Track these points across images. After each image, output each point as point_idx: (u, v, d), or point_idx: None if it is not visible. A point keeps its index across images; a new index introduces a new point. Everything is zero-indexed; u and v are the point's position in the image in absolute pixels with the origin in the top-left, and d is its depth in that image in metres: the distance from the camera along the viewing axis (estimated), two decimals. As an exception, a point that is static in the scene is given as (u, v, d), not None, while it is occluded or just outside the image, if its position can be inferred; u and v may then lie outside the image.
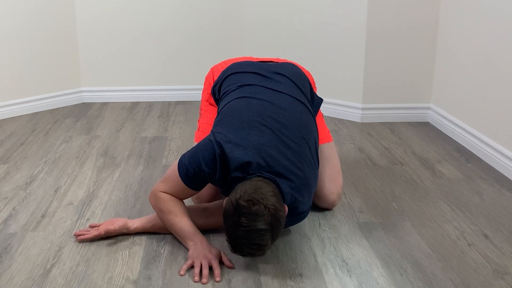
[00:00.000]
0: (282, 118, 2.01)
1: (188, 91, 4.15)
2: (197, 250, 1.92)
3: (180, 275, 1.86)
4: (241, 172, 1.86)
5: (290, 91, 2.15)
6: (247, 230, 1.71)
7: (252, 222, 1.71)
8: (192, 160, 1.92)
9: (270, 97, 2.10)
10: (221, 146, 1.89)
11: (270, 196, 1.76)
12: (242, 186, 1.79)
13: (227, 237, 1.79)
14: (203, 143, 1.94)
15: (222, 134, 1.93)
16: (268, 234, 1.74)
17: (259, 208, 1.72)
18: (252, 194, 1.74)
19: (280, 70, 2.25)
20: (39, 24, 3.77)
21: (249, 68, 2.28)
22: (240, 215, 1.72)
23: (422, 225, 2.21)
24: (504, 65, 2.74)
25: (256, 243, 1.74)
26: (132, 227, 2.09)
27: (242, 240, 1.74)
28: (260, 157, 1.88)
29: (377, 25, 3.43)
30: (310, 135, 2.06)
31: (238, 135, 1.92)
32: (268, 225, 1.73)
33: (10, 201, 2.42)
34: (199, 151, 1.92)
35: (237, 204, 1.73)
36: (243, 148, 1.88)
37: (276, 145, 1.93)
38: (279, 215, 1.76)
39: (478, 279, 1.84)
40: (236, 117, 2.01)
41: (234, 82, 2.24)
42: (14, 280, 1.83)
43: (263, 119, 1.99)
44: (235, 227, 1.73)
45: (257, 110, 2.03)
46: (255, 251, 1.77)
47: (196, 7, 4.03)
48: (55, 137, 3.29)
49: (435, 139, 3.26)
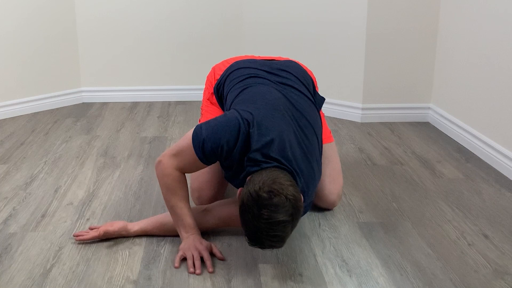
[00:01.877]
0: (295, 111, 2.01)
1: (188, 91, 4.15)
2: (188, 242, 1.94)
3: (175, 267, 1.89)
4: (261, 154, 1.83)
5: (297, 86, 2.15)
6: (269, 222, 1.67)
7: (273, 214, 1.67)
8: (211, 135, 1.85)
9: (281, 90, 2.08)
10: (249, 125, 1.86)
11: (289, 186, 1.73)
12: (259, 177, 1.75)
13: (245, 230, 1.74)
14: (226, 119, 1.88)
15: (248, 112, 1.89)
16: (290, 225, 1.71)
17: (280, 199, 1.68)
18: (271, 185, 1.70)
19: (284, 67, 2.24)
20: (39, 24, 3.77)
21: (253, 64, 2.27)
22: (261, 207, 1.68)
23: (422, 225, 2.21)
24: (504, 65, 2.74)
25: (277, 235, 1.70)
26: (132, 230, 2.09)
27: (262, 232, 1.69)
28: (281, 140, 1.86)
29: (377, 25, 3.43)
30: (319, 131, 2.06)
31: (264, 115, 1.89)
32: (289, 216, 1.70)
33: (10, 201, 2.42)
34: (222, 127, 1.86)
35: (258, 196, 1.68)
36: (267, 129, 1.86)
37: (295, 133, 1.93)
38: (299, 205, 1.73)
39: (478, 279, 1.84)
40: (259, 98, 1.98)
41: (239, 75, 2.21)
42: (14, 280, 1.83)
43: (284, 106, 1.98)
44: (255, 220, 1.69)
45: (277, 96, 2.01)
46: (275, 243, 1.73)
47: (196, 7, 4.03)
48: (55, 137, 3.29)
49: (435, 139, 3.26)
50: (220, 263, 1.92)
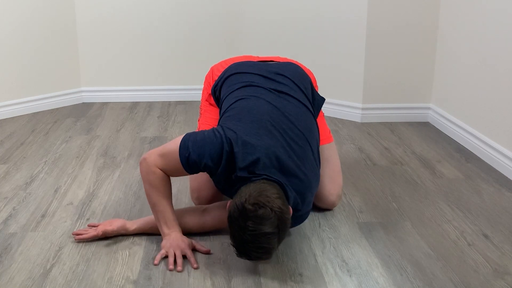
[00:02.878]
0: (287, 122, 2.01)
1: (188, 91, 4.15)
2: (170, 240, 1.95)
3: (154, 264, 1.90)
4: (247, 171, 1.85)
5: (293, 92, 2.15)
6: (254, 234, 1.70)
7: (258, 226, 1.70)
8: (196, 149, 1.88)
9: (274, 99, 2.08)
10: (231, 144, 1.87)
11: (275, 198, 1.74)
12: (246, 189, 1.77)
13: (232, 242, 1.77)
14: (211, 135, 1.90)
15: (232, 131, 1.90)
16: (275, 237, 1.73)
17: (266, 211, 1.70)
18: (257, 197, 1.72)
19: (281, 71, 2.24)
20: (39, 24, 3.77)
21: (250, 68, 2.27)
22: (246, 219, 1.70)
23: (422, 225, 2.21)
24: (504, 65, 2.74)
25: (263, 246, 1.73)
26: (131, 229, 2.09)
27: (248, 244, 1.72)
28: (268, 158, 1.87)
29: (377, 25, 3.43)
30: (312, 138, 2.06)
31: (248, 133, 1.90)
32: (275, 228, 1.72)
33: (10, 201, 2.42)
34: (206, 144, 1.88)
35: (243, 208, 1.71)
36: (252, 147, 1.87)
37: (283, 147, 1.92)
38: (285, 218, 1.75)
39: (478, 279, 1.84)
40: (246, 115, 1.99)
41: (236, 82, 2.22)
42: (14, 280, 1.83)
43: (272, 120, 1.98)
44: (241, 232, 1.72)
45: (266, 111, 2.01)
46: (261, 254, 1.76)
47: (196, 7, 4.03)
48: (55, 137, 3.29)
49: (435, 139, 3.26)
50: (220, 263, 1.92)
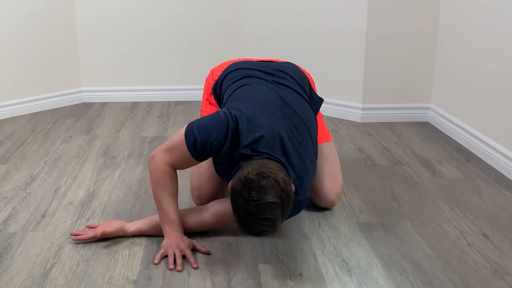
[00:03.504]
0: (289, 109, 2.03)
1: (188, 91, 4.15)
2: (170, 239, 1.96)
3: (154, 263, 1.90)
4: (250, 149, 1.86)
5: (292, 86, 2.17)
6: (258, 204, 1.68)
7: (262, 196, 1.68)
8: (202, 131, 1.89)
9: (275, 89, 2.10)
10: (236, 121, 1.88)
11: (278, 170, 1.75)
12: (248, 164, 1.77)
13: (236, 217, 1.75)
14: (216, 116, 1.92)
15: (237, 109, 1.93)
16: (279, 208, 1.71)
17: (269, 181, 1.70)
18: (260, 169, 1.73)
19: (281, 68, 2.27)
20: (39, 24, 3.77)
21: (250, 65, 2.29)
22: (250, 189, 1.69)
23: (422, 225, 2.21)
24: (504, 65, 2.74)
25: (267, 217, 1.70)
26: (129, 231, 2.09)
27: (253, 216, 1.70)
28: (271, 136, 1.88)
29: (377, 26, 3.43)
30: (312, 127, 2.07)
31: (253, 112, 1.92)
32: (278, 198, 1.70)
33: (10, 201, 2.42)
34: (211, 123, 1.90)
35: (246, 179, 1.70)
36: (256, 125, 1.88)
37: (286, 130, 1.94)
38: (289, 189, 1.74)
39: (478, 279, 1.84)
40: (251, 96, 2.01)
41: (237, 75, 2.24)
42: (14, 280, 1.83)
43: (275, 103, 2.00)
44: (245, 203, 1.70)
45: (269, 94, 2.04)
46: (266, 227, 1.73)
47: (196, 7, 4.03)
48: (55, 137, 3.29)
49: (435, 139, 3.26)
50: (220, 263, 1.93)
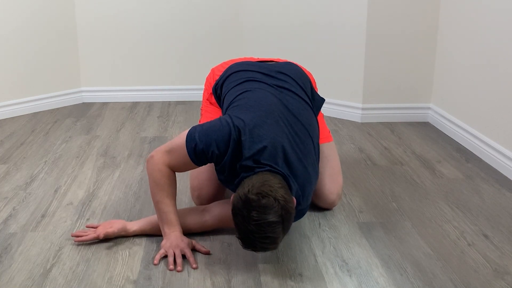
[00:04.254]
0: (291, 115, 2.02)
1: (188, 91, 4.15)
2: (169, 240, 1.96)
3: (154, 264, 1.90)
4: (252, 161, 1.86)
5: (293, 89, 2.16)
6: (258, 223, 1.70)
7: (262, 215, 1.70)
8: (203, 138, 1.89)
9: (277, 93, 2.10)
10: (239, 132, 1.88)
11: (278, 188, 1.75)
12: (249, 181, 1.78)
13: (237, 233, 1.77)
14: (219, 123, 1.92)
15: (240, 119, 1.92)
16: (280, 226, 1.73)
17: (269, 200, 1.71)
18: (260, 187, 1.73)
19: (282, 69, 2.25)
20: (39, 24, 3.77)
21: (251, 67, 2.28)
22: (250, 209, 1.71)
23: (422, 225, 2.21)
24: (504, 65, 2.74)
25: (268, 236, 1.72)
26: (131, 230, 2.09)
27: (254, 234, 1.72)
28: (274, 147, 1.88)
29: (377, 25, 3.43)
30: (314, 133, 2.07)
31: (256, 122, 1.91)
32: (279, 217, 1.72)
33: (10, 201, 2.42)
34: (214, 131, 1.90)
35: (246, 198, 1.72)
36: (259, 136, 1.88)
37: (288, 139, 1.94)
38: (289, 207, 1.75)
39: (478, 279, 1.84)
40: (254, 104, 2.00)
41: (237, 78, 2.23)
42: (14, 280, 1.83)
43: (278, 111, 1.99)
44: (245, 222, 1.72)
45: (272, 102, 2.03)
46: (267, 245, 1.75)
47: (196, 7, 4.03)
48: (55, 137, 3.29)
49: (435, 139, 3.26)
50: (220, 263, 1.93)
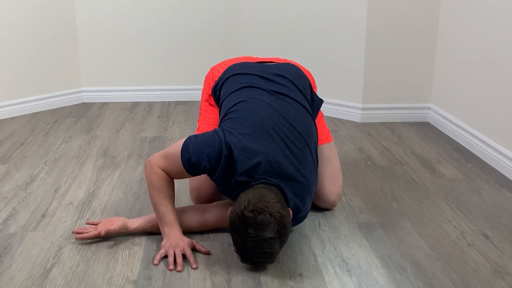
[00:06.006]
0: (287, 125, 2.02)
1: (188, 91, 4.15)
2: (169, 240, 1.96)
3: (154, 264, 1.91)
4: (247, 176, 1.87)
5: (292, 94, 2.16)
6: (255, 240, 1.73)
7: (259, 232, 1.73)
8: (196, 151, 1.91)
9: (274, 101, 2.09)
10: (230, 149, 1.88)
11: (274, 203, 1.77)
12: (245, 196, 1.79)
13: (235, 248, 1.81)
14: (212, 138, 1.92)
15: (232, 134, 1.92)
16: (277, 241, 1.76)
17: (265, 217, 1.73)
18: (256, 204, 1.75)
19: (281, 72, 2.25)
20: (39, 24, 3.77)
21: (250, 70, 2.28)
22: (246, 226, 1.73)
23: (422, 225, 2.21)
24: (504, 65, 2.74)
25: (266, 251, 1.76)
26: (132, 227, 2.09)
27: (251, 250, 1.76)
28: (268, 163, 1.89)
29: (377, 25, 3.43)
30: (311, 140, 2.07)
31: (249, 137, 1.92)
32: (275, 233, 1.74)
33: (10, 201, 2.42)
34: (206, 146, 1.90)
35: (243, 215, 1.74)
36: (253, 152, 1.88)
37: (283, 151, 1.94)
38: (285, 221, 1.78)
39: (478, 279, 1.84)
40: (248, 118, 2.00)
41: (236, 82, 2.23)
42: (14, 280, 1.83)
43: (273, 123, 1.99)
44: (243, 239, 1.75)
45: (267, 114, 2.02)
46: (265, 259, 1.80)
47: (195, 7, 4.03)
48: (55, 137, 3.29)
49: (435, 139, 3.26)
50: (220, 263, 1.93)
